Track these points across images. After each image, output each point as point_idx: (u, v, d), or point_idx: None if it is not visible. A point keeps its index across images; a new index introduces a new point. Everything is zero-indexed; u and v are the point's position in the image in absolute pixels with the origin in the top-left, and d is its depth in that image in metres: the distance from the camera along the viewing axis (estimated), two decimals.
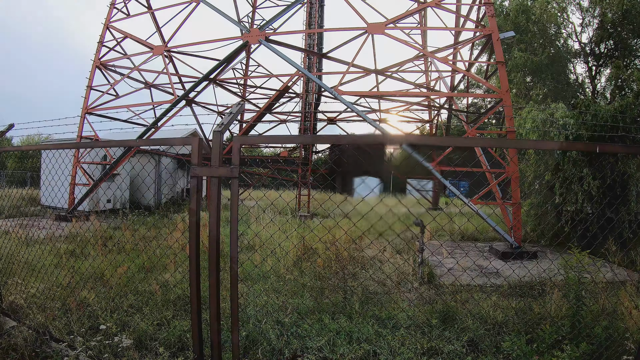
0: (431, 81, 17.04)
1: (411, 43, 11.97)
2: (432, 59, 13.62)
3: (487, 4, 11.93)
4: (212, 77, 13.94)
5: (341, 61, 11.55)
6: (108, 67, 16.09)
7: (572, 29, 23.27)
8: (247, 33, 12.21)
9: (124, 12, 16.30)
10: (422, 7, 11.87)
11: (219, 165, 2.92)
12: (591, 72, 22.70)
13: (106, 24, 15.85)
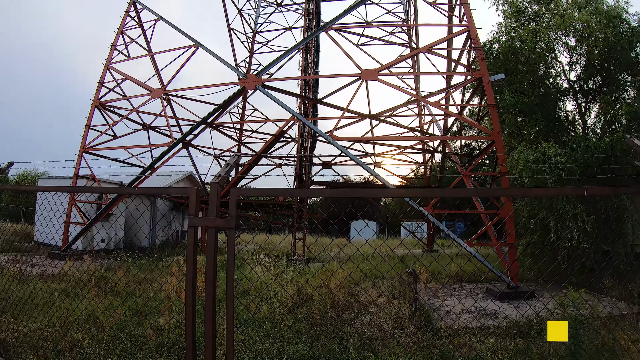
0: (425, 124, 17.35)
1: (404, 88, 12.26)
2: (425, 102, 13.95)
3: (477, 49, 12.30)
4: (209, 121, 14.13)
5: (336, 106, 11.79)
6: (107, 108, 16.28)
7: (560, 67, 23.83)
8: (244, 79, 12.48)
9: (124, 54, 16.66)
10: (414, 52, 12.23)
11: (216, 216, 3.00)
12: (581, 109, 23.09)
13: (107, 65, 16.15)
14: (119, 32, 16.49)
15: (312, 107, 16.19)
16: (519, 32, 20.94)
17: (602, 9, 21.66)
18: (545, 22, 22.94)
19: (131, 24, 16.67)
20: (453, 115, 13.93)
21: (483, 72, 11.94)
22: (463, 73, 12.97)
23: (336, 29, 12.04)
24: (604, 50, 21.05)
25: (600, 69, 21.61)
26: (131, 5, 16.41)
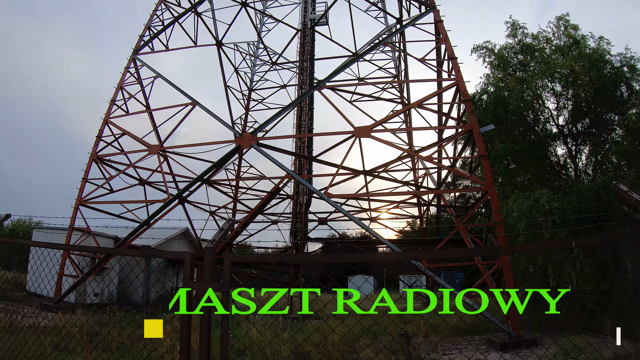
0: (419, 178, 17.59)
1: (397, 144, 12.53)
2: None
3: (466, 101, 12.65)
4: (205, 178, 14.27)
5: (330, 164, 12.00)
6: (104, 162, 16.39)
7: (548, 113, 24.27)
8: (239, 137, 12.73)
9: (123, 110, 16.92)
10: (405, 108, 12.58)
11: (210, 281, 3.08)
12: (571, 152, 23.34)
13: (105, 119, 16.35)
14: (119, 87, 16.81)
15: (307, 164, 16.45)
16: (506, 82, 21.54)
17: (585, 52, 22.33)
18: (531, 71, 23.65)
19: (131, 79, 17.04)
20: (446, 169, 14.14)
21: (473, 124, 12.20)
22: (454, 126, 13.29)
23: (329, 87, 12.43)
24: (590, 92, 21.57)
25: (588, 111, 22.04)
26: (131, 62, 16.84)
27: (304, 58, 17.60)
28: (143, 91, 17.10)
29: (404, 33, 15.89)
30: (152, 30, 17.31)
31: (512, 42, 23.39)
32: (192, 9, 17.17)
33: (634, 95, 21.24)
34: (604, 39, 22.46)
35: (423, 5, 13.59)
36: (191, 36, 17.66)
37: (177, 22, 17.07)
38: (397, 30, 15.43)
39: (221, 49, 18.91)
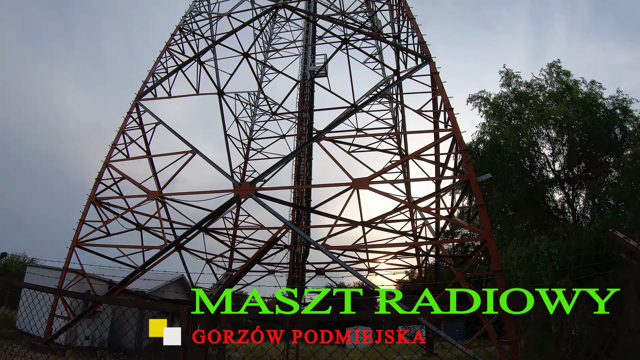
0: (417, 228, 17.61)
1: (395, 195, 12.59)
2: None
3: (462, 152, 12.78)
4: (203, 226, 14.26)
5: (328, 215, 12.02)
6: (102, 204, 16.35)
7: (544, 159, 24.46)
8: (238, 187, 12.79)
9: (124, 154, 16.98)
10: (403, 160, 12.71)
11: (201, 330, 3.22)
12: (569, 197, 23.35)
13: (106, 162, 16.40)
14: (120, 131, 16.95)
15: (305, 215, 16.51)
16: (502, 130, 21.87)
17: (578, 98, 22.72)
18: (526, 118, 24.06)
19: (133, 124, 17.23)
20: (444, 219, 14.17)
21: (470, 174, 12.28)
22: (451, 177, 13.38)
23: (328, 139, 12.63)
24: (585, 136, 21.82)
25: (583, 155, 22.22)
26: (134, 107, 17.05)
27: (303, 109, 17.98)
28: (144, 137, 17.27)
29: (401, 85, 16.31)
30: (155, 77, 17.65)
31: (506, 91, 23.93)
32: (195, 58, 17.62)
33: (628, 136, 21.45)
34: (595, 83, 22.94)
35: (419, 58, 13.98)
36: (194, 84, 18.05)
37: (180, 70, 17.48)
38: (395, 82, 15.84)
39: (222, 97, 19.31)
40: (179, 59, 17.93)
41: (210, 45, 17.76)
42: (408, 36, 15.05)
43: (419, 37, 13.99)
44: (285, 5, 17.53)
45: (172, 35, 18.28)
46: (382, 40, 18.93)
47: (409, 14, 14.70)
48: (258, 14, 18.60)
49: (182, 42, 18.35)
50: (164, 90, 17.70)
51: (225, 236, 18.25)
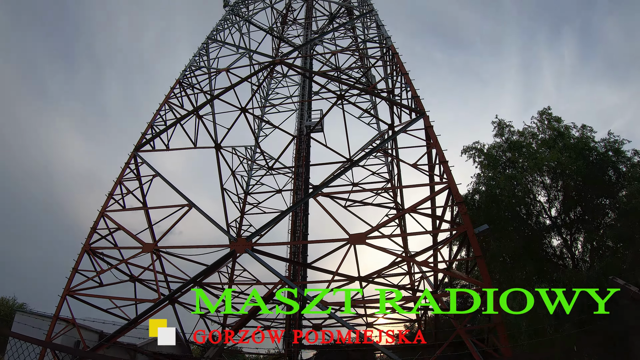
0: (415, 281, 17.44)
1: (392, 250, 12.50)
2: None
3: (459, 204, 12.77)
4: (198, 280, 14.06)
5: (325, 270, 11.90)
6: (96, 254, 16.10)
7: (540, 206, 24.53)
8: (234, 242, 12.71)
9: (120, 204, 16.87)
10: (399, 214, 12.71)
11: None
12: (567, 242, 23.26)
13: (102, 212, 16.24)
14: (118, 182, 16.90)
15: (301, 270, 16.36)
16: (497, 180, 22.05)
17: (570, 143, 23.02)
18: (520, 167, 24.34)
19: (130, 175, 17.24)
20: (442, 272, 14.03)
21: (467, 226, 12.21)
22: (448, 229, 13.33)
23: (324, 195, 12.68)
24: (579, 181, 21.94)
25: (579, 199, 22.26)
26: (132, 158, 17.11)
27: (300, 164, 18.21)
28: (141, 188, 17.26)
29: (396, 139, 16.56)
30: (154, 129, 17.86)
31: (499, 141, 24.34)
32: (194, 112, 17.93)
33: (622, 177, 21.60)
34: (586, 127, 23.35)
35: (413, 112, 14.24)
36: (191, 137, 18.26)
37: (179, 123, 17.75)
38: (389, 137, 16.12)
39: (220, 151, 19.49)
40: (178, 112, 18.25)
41: (208, 100, 18.11)
42: (402, 91, 15.39)
43: (413, 91, 14.30)
44: (282, 61, 18.04)
45: (171, 88, 18.67)
46: (376, 96, 19.40)
47: (402, 69, 15.11)
48: (256, 70, 19.11)
49: (181, 95, 18.73)
50: (162, 142, 17.90)
51: (220, 291, 17.96)
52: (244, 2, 24.91)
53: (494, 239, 20.73)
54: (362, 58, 22.07)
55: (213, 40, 20.72)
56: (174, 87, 18.67)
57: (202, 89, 19.07)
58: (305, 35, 25.82)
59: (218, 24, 21.91)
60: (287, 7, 29.31)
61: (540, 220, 23.87)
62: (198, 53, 20.17)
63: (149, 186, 17.23)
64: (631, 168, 21.46)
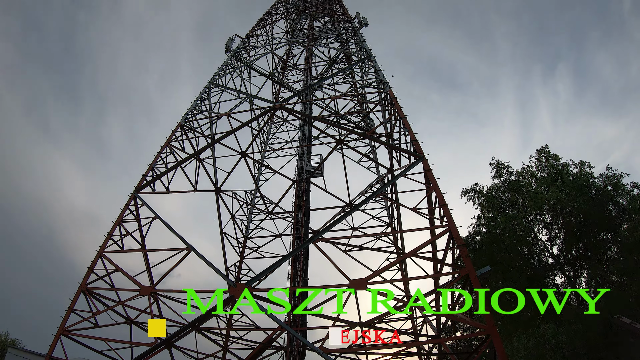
0: (417, 325, 17.14)
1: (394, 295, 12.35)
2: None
3: (460, 247, 12.68)
4: (195, 325, 13.81)
5: (325, 316, 11.69)
6: (93, 294, 15.81)
7: (542, 245, 24.42)
8: (233, 287, 12.57)
9: (118, 245, 16.68)
10: (399, 259, 12.64)
11: None
12: (570, 279, 23.04)
13: (100, 252, 16.03)
14: (117, 223, 16.78)
15: (301, 316, 16.08)
16: (498, 221, 22.08)
17: (569, 180, 23.14)
18: (520, 206, 24.40)
19: (129, 216, 17.18)
20: (445, 316, 13.77)
21: (469, 269, 12.07)
22: (449, 273, 13.17)
23: (324, 240, 12.63)
24: (580, 217, 21.95)
25: (580, 235, 22.21)
26: (131, 200, 17.08)
27: (299, 208, 18.26)
28: (140, 230, 17.17)
29: (396, 183, 16.65)
30: (155, 171, 17.91)
31: (498, 182, 24.60)
32: (194, 156, 18.07)
33: (623, 210, 21.61)
34: (584, 163, 23.61)
35: (412, 156, 14.35)
36: (192, 181, 18.30)
37: (180, 166, 17.85)
38: (389, 182, 16.20)
39: (219, 195, 19.53)
40: (178, 155, 18.37)
41: (209, 144, 18.30)
42: (400, 135, 15.55)
43: (411, 135, 14.44)
44: (283, 107, 18.37)
45: (173, 131, 18.87)
46: (375, 140, 19.64)
47: (401, 113, 15.33)
48: (256, 115, 19.37)
49: (182, 138, 18.91)
50: (162, 184, 17.95)
51: (218, 336, 17.57)
52: (245, 48, 25.55)
53: (495, 280, 20.51)
54: (361, 103, 22.47)
55: (215, 84, 21.09)
56: (176, 130, 18.86)
57: (203, 132, 19.28)
58: (305, 80, 26.42)
59: (220, 68, 22.35)
60: (287, 53, 30.17)
61: (543, 259, 23.75)
62: (200, 97, 20.46)
63: (148, 228, 17.14)
64: (631, 201, 21.54)
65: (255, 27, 28.58)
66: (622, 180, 21.92)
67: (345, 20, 28.48)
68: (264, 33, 28.87)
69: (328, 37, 27.93)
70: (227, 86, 21.26)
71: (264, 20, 30.17)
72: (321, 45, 27.98)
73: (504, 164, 25.21)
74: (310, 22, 31.48)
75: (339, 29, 28.05)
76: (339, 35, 27.36)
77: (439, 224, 13.59)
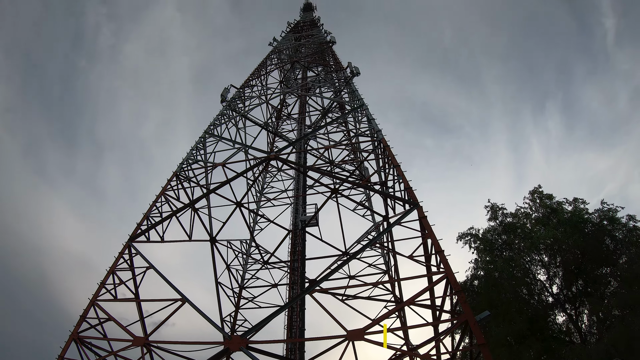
0: None
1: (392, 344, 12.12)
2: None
3: (458, 293, 12.56)
4: None
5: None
6: (84, 343, 15.33)
7: (541, 285, 24.26)
8: (228, 339, 12.38)
9: (112, 294, 16.36)
10: (398, 308, 12.50)
11: None
12: (572, 317, 22.73)
13: (92, 301, 15.69)
14: (110, 271, 16.52)
15: None
16: (495, 263, 22.05)
17: (564, 218, 23.24)
18: (517, 248, 24.39)
19: (123, 265, 16.96)
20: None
21: (468, 314, 11.91)
22: (448, 320, 13.00)
23: (320, 291, 12.53)
24: (577, 254, 21.93)
25: (579, 272, 22.10)
26: (126, 248, 16.95)
27: (295, 258, 18.23)
28: (134, 279, 16.92)
29: (391, 230, 16.69)
30: (150, 220, 17.88)
31: (494, 224, 24.71)
32: (190, 205, 18.10)
33: (620, 244, 21.59)
34: (578, 200, 23.82)
35: (407, 204, 14.45)
36: (187, 230, 18.26)
37: (175, 215, 17.84)
38: (384, 230, 16.25)
39: (215, 245, 19.47)
40: (174, 205, 18.39)
41: (205, 194, 18.39)
42: (395, 183, 15.69)
43: (405, 183, 14.57)
44: (277, 157, 18.64)
45: (168, 180, 18.95)
46: (369, 189, 19.83)
47: (394, 161, 15.54)
48: (251, 165, 19.56)
49: (177, 188, 18.99)
50: (157, 233, 17.87)
51: None
52: (240, 98, 26.10)
53: (497, 324, 20.19)
54: (355, 152, 22.78)
55: (210, 134, 21.40)
56: (171, 180, 18.96)
57: (198, 182, 19.38)
58: (299, 129, 26.98)
59: (215, 118, 22.74)
60: (281, 103, 30.94)
61: (543, 299, 23.54)
62: (195, 146, 20.73)
63: (142, 277, 16.95)
64: (628, 233, 21.58)
65: (250, 78, 29.32)
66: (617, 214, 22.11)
67: (337, 70, 29.35)
68: (258, 83, 29.61)
69: (321, 86, 28.73)
70: (222, 136, 21.58)
71: (259, 70, 31.01)
72: (315, 95, 28.73)
73: (499, 206, 25.44)
74: (304, 72, 32.42)
75: (332, 78, 28.91)
76: (331, 84, 28.17)
77: (436, 270, 13.55)
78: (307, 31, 41.41)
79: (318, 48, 34.60)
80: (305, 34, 40.60)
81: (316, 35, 38.63)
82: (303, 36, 39.75)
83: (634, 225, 21.61)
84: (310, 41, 37.27)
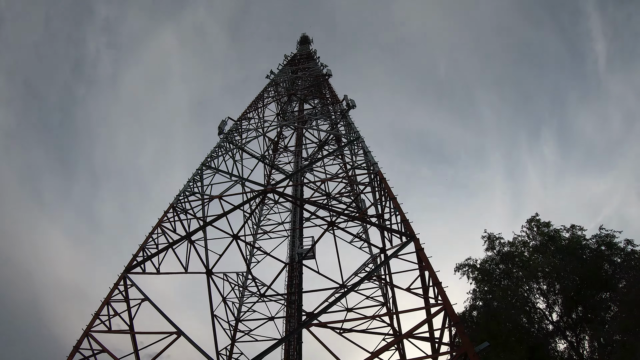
0: None
1: None
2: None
3: (456, 324, 12.44)
4: None
5: None
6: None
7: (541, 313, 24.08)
8: None
9: (106, 326, 16.11)
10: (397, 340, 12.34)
11: None
12: (573, 344, 22.44)
13: (86, 332, 15.38)
14: (105, 302, 16.30)
15: None
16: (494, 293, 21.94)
17: (562, 245, 23.24)
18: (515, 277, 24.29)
19: (118, 296, 16.75)
20: None
21: (467, 346, 11.77)
22: (448, 352, 12.86)
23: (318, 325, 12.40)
24: (576, 280, 21.81)
25: (579, 299, 21.96)
26: (121, 280, 16.78)
27: (292, 291, 18.10)
28: (129, 311, 16.68)
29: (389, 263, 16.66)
30: (145, 251, 17.77)
31: (491, 254, 24.74)
32: (186, 238, 18.07)
33: (619, 268, 21.51)
34: (575, 227, 23.87)
35: (403, 236, 14.45)
36: (183, 262, 18.19)
37: (171, 248, 17.75)
38: (381, 263, 16.21)
39: (211, 277, 19.40)
40: (170, 237, 18.34)
41: (201, 226, 18.40)
42: (391, 215, 15.73)
43: (401, 215, 14.61)
44: (274, 190, 18.75)
45: (165, 212, 18.95)
46: (366, 222, 19.84)
47: (390, 194, 15.62)
48: (248, 198, 19.61)
49: (174, 220, 18.97)
50: (153, 266, 17.74)
51: None
52: (237, 130, 26.31)
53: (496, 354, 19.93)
54: (352, 184, 22.91)
55: (207, 166, 21.49)
56: (167, 211, 18.95)
57: (194, 214, 19.39)
58: (296, 162, 27.15)
59: (212, 150, 22.88)
60: (278, 135, 31.22)
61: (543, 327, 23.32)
62: (192, 178, 20.79)
63: (137, 309, 16.75)
64: (626, 257, 21.58)
65: (247, 110, 29.65)
66: (615, 239, 22.15)
67: (334, 103, 29.75)
68: (255, 116, 29.92)
69: (318, 119, 29.04)
70: (219, 168, 21.67)
71: (256, 103, 31.38)
72: (311, 127, 29.03)
73: (496, 235, 25.49)
74: (301, 105, 32.87)
75: (328, 111, 29.29)
76: (328, 117, 28.53)
77: (434, 302, 13.47)
78: (303, 64, 42.07)
79: (314, 81, 35.12)
80: (302, 66, 41.24)
81: (312, 68, 39.26)
82: (300, 69, 40.37)
83: (632, 249, 21.66)
84: (306, 74, 37.86)
